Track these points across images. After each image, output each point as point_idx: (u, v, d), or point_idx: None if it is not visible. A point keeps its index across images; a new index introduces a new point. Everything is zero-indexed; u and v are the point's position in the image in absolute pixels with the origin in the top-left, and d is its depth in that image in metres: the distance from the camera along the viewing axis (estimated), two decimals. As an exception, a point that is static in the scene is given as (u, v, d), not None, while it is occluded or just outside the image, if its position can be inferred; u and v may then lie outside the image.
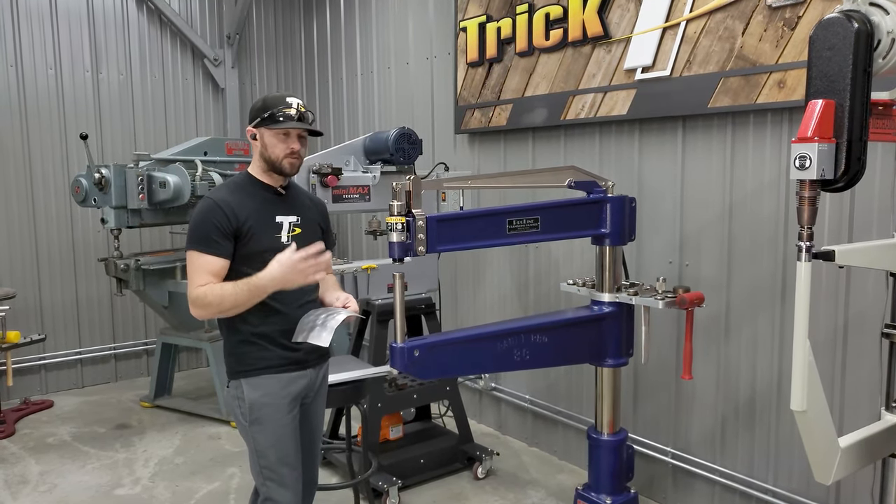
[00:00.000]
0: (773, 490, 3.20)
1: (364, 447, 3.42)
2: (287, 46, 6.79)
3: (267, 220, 2.45)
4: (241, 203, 2.41)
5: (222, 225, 2.35)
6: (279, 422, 2.44)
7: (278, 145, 2.44)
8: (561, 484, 3.98)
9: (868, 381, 2.83)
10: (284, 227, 2.48)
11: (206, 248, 2.34)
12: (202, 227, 2.36)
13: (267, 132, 2.44)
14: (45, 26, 5.51)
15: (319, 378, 2.64)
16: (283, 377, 2.46)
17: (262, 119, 2.43)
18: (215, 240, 2.34)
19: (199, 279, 2.32)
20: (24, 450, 4.54)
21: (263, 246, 2.41)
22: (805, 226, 1.93)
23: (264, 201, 2.48)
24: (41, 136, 5.54)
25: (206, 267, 2.33)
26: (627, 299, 3.03)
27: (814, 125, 1.87)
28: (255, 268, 2.37)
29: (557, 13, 3.88)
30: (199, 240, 2.35)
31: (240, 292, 2.30)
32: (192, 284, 2.33)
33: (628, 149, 3.71)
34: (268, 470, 2.45)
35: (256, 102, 2.49)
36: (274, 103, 2.45)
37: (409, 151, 3.89)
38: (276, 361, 2.45)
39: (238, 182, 2.51)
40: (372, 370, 3.25)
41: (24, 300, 5.45)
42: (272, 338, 2.43)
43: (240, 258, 2.39)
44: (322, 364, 2.63)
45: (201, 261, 2.34)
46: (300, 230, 2.51)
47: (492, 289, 4.71)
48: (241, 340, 2.44)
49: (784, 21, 2.91)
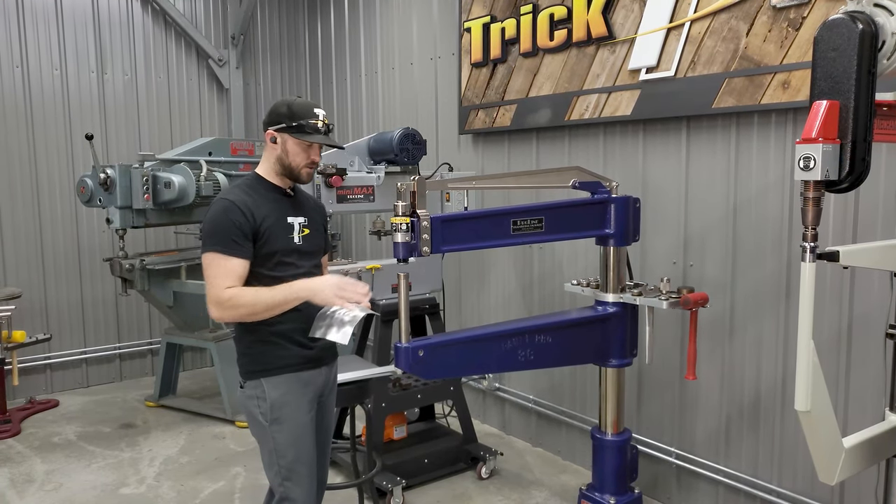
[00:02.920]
0: (777, 490, 3.19)
1: (368, 447, 3.42)
2: (291, 47, 6.81)
3: (280, 220, 2.46)
4: (258, 204, 2.41)
5: (242, 226, 2.33)
6: (298, 420, 2.45)
7: (300, 154, 2.45)
8: (565, 484, 3.98)
9: (872, 381, 2.83)
10: (296, 227, 2.48)
11: (227, 249, 2.31)
12: (222, 229, 2.33)
13: (291, 140, 2.44)
14: (50, 27, 5.53)
15: (332, 375, 2.66)
16: (302, 375, 2.47)
17: (289, 127, 2.43)
18: (236, 241, 2.32)
19: (223, 281, 2.29)
20: (30, 449, 4.56)
21: (279, 246, 2.42)
22: (809, 226, 1.94)
23: (276, 202, 2.48)
24: (46, 137, 5.56)
25: (230, 268, 2.31)
26: (632, 300, 3.03)
27: (818, 126, 1.87)
28: (268, 268, 2.39)
29: (562, 14, 3.88)
30: (219, 241, 2.32)
31: (276, 296, 2.29)
32: (215, 287, 2.30)
33: (632, 149, 3.72)
34: (286, 469, 2.45)
35: (281, 106, 2.47)
36: (302, 113, 2.44)
37: (414, 152, 3.89)
38: (295, 360, 2.46)
39: (250, 183, 2.51)
40: (376, 370, 3.25)
41: (30, 300, 5.47)
42: (291, 336, 2.44)
43: (258, 260, 2.39)
44: (334, 361, 2.66)
45: (223, 262, 2.31)
46: (308, 231, 2.52)
47: (496, 289, 4.71)
48: (257, 340, 2.44)
49: (788, 22, 2.91)
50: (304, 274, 2.46)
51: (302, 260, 2.49)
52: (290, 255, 2.44)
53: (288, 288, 2.32)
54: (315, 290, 2.31)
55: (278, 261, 2.40)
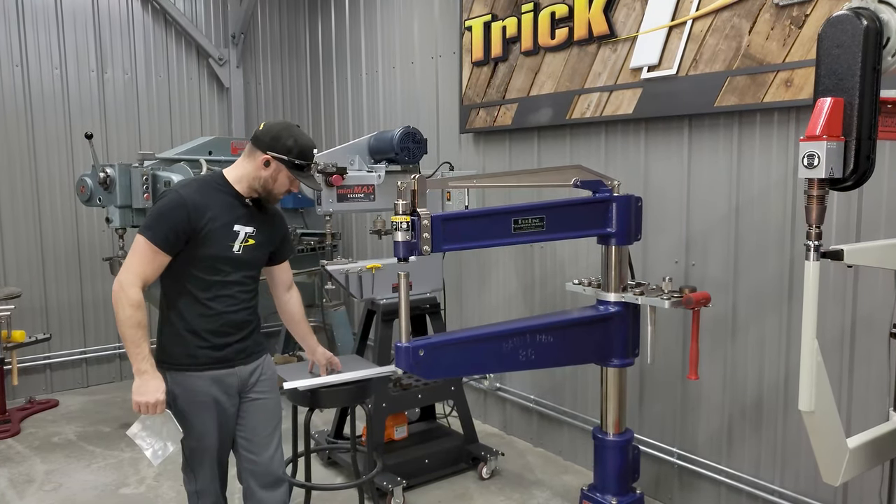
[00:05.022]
0: (779, 491, 3.18)
1: (369, 447, 3.41)
2: (292, 46, 6.79)
3: (226, 227, 2.51)
4: (206, 205, 2.47)
5: (181, 225, 2.41)
6: (200, 417, 2.56)
7: (285, 184, 2.59)
8: (566, 484, 3.97)
9: (876, 381, 2.81)
10: (240, 236, 2.54)
11: (159, 242, 2.41)
12: (163, 221, 2.42)
13: (285, 173, 2.55)
14: (50, 26, 5.52)
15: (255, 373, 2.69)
16: (207, 374, 2.55)
17: (290, 162, 2.53)
18: (169, 237, 2.41)
19: (138, 268, 2.41)
20: (30, 449, 4.55)
21: (214, 252, 2.49)
22: (813, 225, 1.92)
23: (229, 208, 2.53)
24: (46, 136, 5.55)
25: (150, 257, 2.41)
26: (633, 299, 3.02)
27: (822, 123, 1.85)
28: (199, 269, 2.48)
29: (563, 12, 3.86)
30: (156, 231, 2.42)
31: (130, 341, 2.44)
32: (130, 269, 2.41)
33: (634, 148, 3.70)
34: (187, 459, 2.65)
35: (286, 138, 2.53)
36: (304, 154, 2.56)
37: (414, 151, 3.88)
38: (202, 360, 2.54)
39: (209, 182, 2.57)
40: (377, 370, 3.24)
41: (30, 299, 5.46)
42: (200, 335, 2.52)
43: (189, 258, 2.46)
44: (253, 360, 2.68)
45: (150, 253, 2.41)
46: (253, 241, 2.58)
47: (497, 288, 4.70)
48: (170, 332, 2.56)
49: (791, 19, 2.89)
50: (232, 282, 2.54)
51: (236, 269, 2.56)
52: (224, 262, 2.51)
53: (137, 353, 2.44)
54: (136, 386, 2.43)
55: (210, 265, 2.49)
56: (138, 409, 2.42)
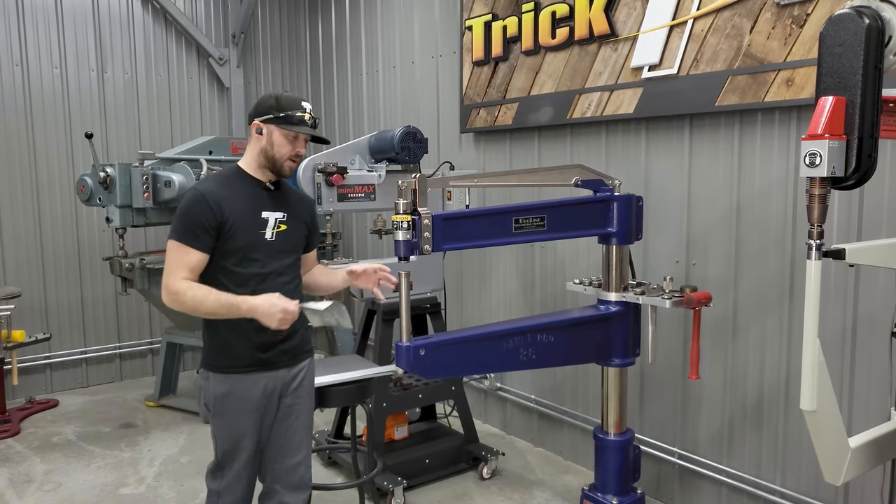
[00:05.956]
0: (780, 491, 3.17)
1: (369, 447, 3.41)
2: (292, 45, 6.79)
3: (252, 215, 2.46)
4: (228, 197, 2.42)
5: (206, 219, 2.36)
6: (238, 419, 2.49)
7: (286, 146, 2.47)
8: (567, 484, 3.96)
9: (878, 381, 2.81)
10: (270, 222, 2.49)
11: (188, 240, 2.36)
12: (187, 219, 2.37)
13: (277, 131, 2.45)
14: (50, 26, 5.52)
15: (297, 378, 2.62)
16: (250, 377, 2.49)
17: (275, 118, 2.44)
18: (197, 233, 2.36)
19: (179, 272, 2.35)
20: (30, 449, 4.55)
21: (245, 242, 2.43)
22: (815, 224, 1.91)
23: (252, 196, 2.48)
24: (46, 136, 5.54)
25: (187, 259, 2.36)
26: (634, 299, 3.01)
27: (824, 122, 1.85)
28: (233, 263, 2.41)
29: (564, 11, 3.86)
30: (182, 231, 2.37)
31: (220, 306, 2.33)
32: (171, 274, 2.36)
33: (635, 147, 3.70)
34: (218, 462, 2.56)
35: (268, 99, 2.48)
36: (289, 105, 2.45)
37: (415, 150, 3.88)
38: (246, 361, 2.48)
39: (227, 175, 2.52)
40: (377, 370, 3.24)
41: (30, 299, 5.46)
42: (247, 336, 2.45)
43: (220, 252, 2.41)
44: (298, 364, 2.62)
45: (182, 253, 2.36)
46: (285, 226, 2.52)
47: (498, 288, 4.70)
48: (216, 334, 2.49)
49: (792, 18, 2.89)
50: (270, 273, 2.47)
51: (271, 258, 2.48)
52: (257, 251, 2.44)
53: (235, 302, 2.33)
54: (254, 308, 2.33)
55: (243, 256, 2.42)
56: (286, 324, 2.34)
